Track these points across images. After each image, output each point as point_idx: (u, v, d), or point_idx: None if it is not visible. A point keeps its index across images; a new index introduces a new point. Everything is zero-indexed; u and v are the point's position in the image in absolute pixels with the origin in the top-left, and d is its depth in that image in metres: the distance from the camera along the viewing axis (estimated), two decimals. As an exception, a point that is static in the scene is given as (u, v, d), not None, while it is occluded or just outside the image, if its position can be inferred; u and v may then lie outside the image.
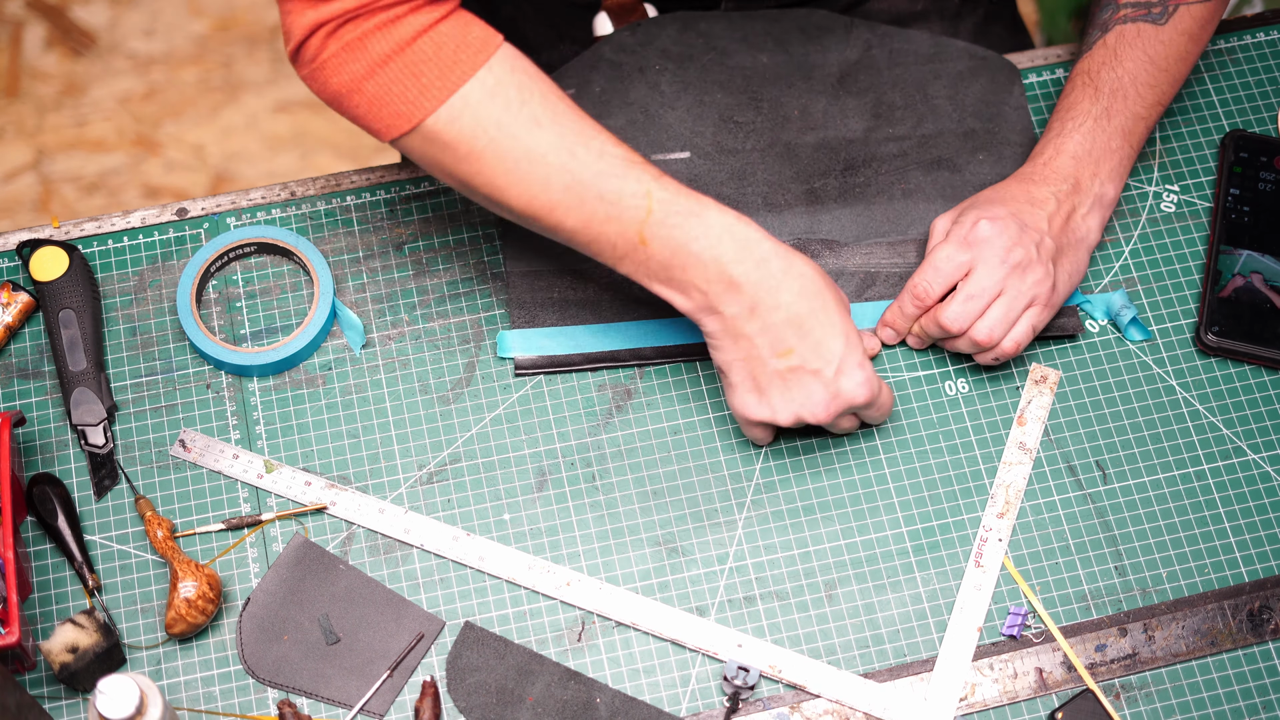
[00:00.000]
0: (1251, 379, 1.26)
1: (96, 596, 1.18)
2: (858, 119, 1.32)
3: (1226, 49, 1.39)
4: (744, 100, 1.32)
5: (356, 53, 1.08)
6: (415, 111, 1.10)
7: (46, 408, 1.24)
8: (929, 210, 1.29)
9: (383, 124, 1.11)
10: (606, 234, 1.12)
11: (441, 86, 1.09)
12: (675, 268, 1.12)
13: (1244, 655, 1.17)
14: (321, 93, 1.12)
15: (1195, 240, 1.31)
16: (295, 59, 1.11)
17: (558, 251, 1.27)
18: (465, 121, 1.09)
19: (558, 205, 1.11)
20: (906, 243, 1.28)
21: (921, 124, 1.32)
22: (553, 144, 1.10)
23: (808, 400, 1.14)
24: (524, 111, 1.10)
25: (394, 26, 1.08)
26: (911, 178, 1.30)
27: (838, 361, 1.13)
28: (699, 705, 1.16)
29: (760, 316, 1.12)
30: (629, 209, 1.11)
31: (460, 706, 1.15)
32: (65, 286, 1.25)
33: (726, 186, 1.29)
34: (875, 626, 1.18)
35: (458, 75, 1.09)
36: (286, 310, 1.28)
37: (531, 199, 1.11)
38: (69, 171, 2.39)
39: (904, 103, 1.33)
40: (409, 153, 1.14)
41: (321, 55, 1.09)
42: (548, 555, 1.20)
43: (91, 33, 2.49)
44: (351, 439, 1.23)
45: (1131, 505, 1.22)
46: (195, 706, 1.15)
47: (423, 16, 1.08)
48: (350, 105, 1.11)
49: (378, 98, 1.10)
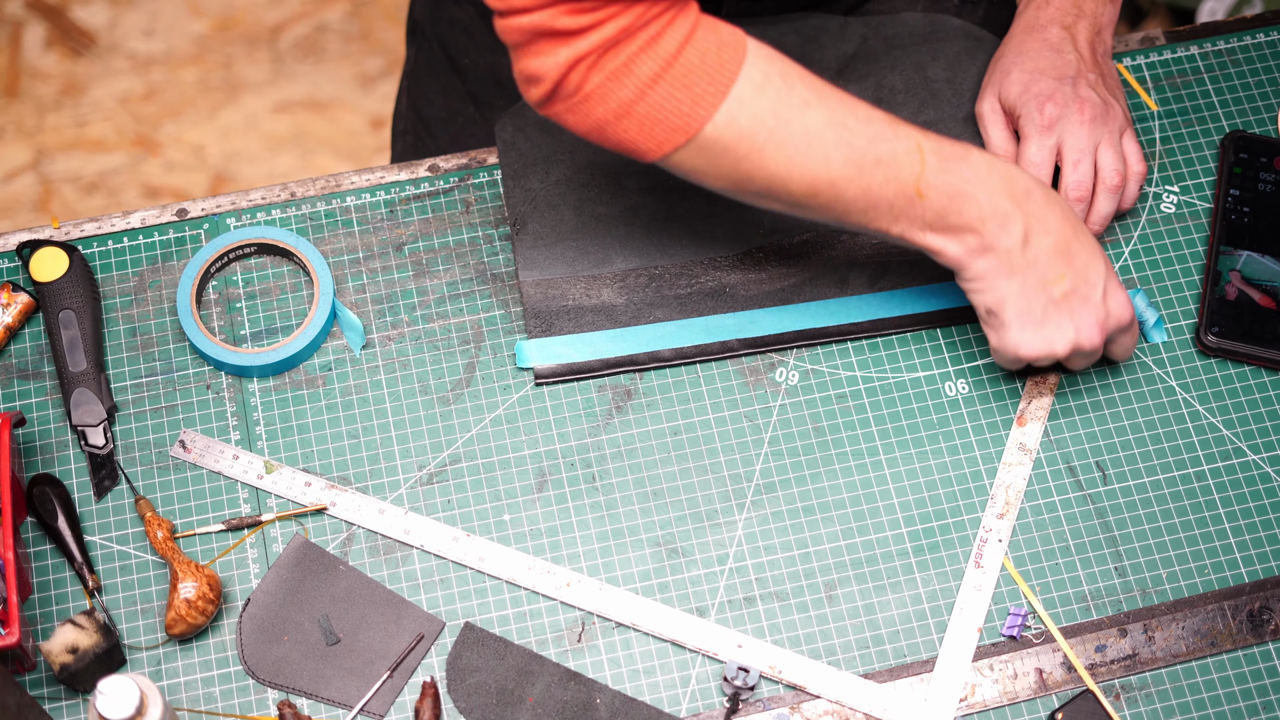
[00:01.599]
0: (1251, 379, 1.26)
1: (96, 597, 1.18)
2: None
3: (1226, 49, 1.39)
4: None
5: (623, 78, 1.06)
6: (692, 123, 1.08)
7: (46, 408, 1.24)
8: None
9: (654, 143, 1.09)
10: (885, 196, 1.12)
11: (715, 92, 1.07)
12: (951, 214, 1.13)
13: (1244, 655, 1.17)
14: (580, 125, 1.09)
15: (1195, 240, 1.31)
16: (550, 98, 1.08)
17: (570, 258, 1.27)
18: (743, 120, 1.08)
19: (838, 179, 1.11)
20: None
21: (923, 109, 1.32)
22: (825, 120, 1.10)
23: (1083, 324, 1.16)
24: (793, 96, 1.10)
25: (656, 44, 1.05)
26: None
27: (1102, 283, 1.17)
28: (699, 706, 1.16)
29: (1032, 245, 1.14)
30: (904, 166, 1.12)
31: (460, 707, 1.15)
32: (65, 287, 1.25)
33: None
34: (875, 627, 1.18)
35: (726, 76, 1.07)
36: (286, 311, 1.28)
37: (814, 179, 1.11)
38: (69, 172, 2.39)
39: (905, 86, 1.33)
40: (678, 167, 1.11)
41: (584, 88, 1.06)
42: (548, 556, 1.20)
43: (91, 33, 2.49)
44: (351, 439, 1.24)
45: (1131, 505, 1.22)
46: (195, 707, 1.15)
47: (680, 28, 1.06)
48: (617, 131, 1.08)
49: (649, 118, 1.07)
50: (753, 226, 1.29)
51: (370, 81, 2.48)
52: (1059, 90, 1.25)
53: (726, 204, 1.29)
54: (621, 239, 1.28)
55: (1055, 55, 1.26)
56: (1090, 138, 1.25)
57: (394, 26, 2.53)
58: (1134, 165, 1.27)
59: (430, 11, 1.46)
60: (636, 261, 1.28)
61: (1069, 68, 1.26)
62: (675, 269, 1.28)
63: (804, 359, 1.27)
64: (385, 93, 2.47)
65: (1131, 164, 1.27)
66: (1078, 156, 1.25)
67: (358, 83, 2.48)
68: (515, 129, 1.32)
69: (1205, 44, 1.39)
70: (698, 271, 1.28)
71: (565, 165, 1.31)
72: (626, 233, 1.28)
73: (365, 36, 2.52)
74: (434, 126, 1.50)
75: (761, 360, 1.26)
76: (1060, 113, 1.24)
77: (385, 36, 2.52)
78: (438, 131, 1.49)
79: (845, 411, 1.25)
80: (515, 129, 1.32)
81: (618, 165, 1.31)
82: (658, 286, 1.27)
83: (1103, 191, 1.26)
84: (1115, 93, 1.28)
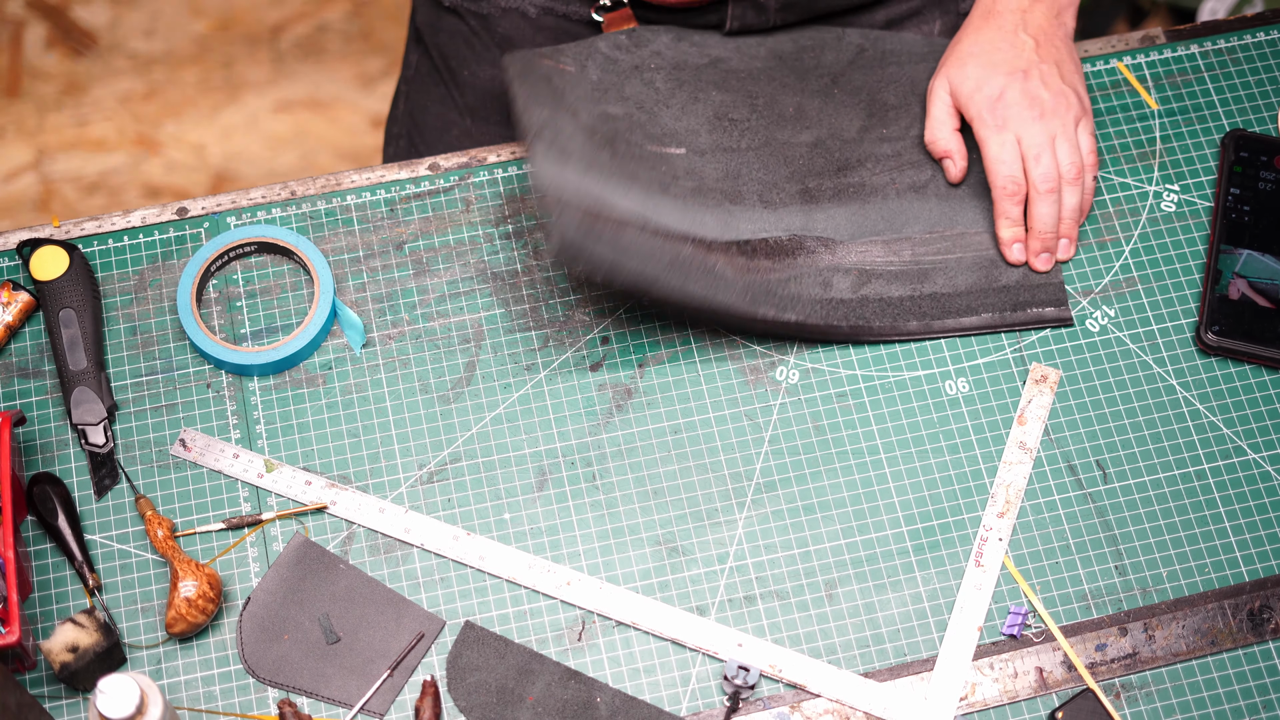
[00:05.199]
0: (1251, 379, 1.26)
1: (96, 596, 1.18)
2: (852, 118, 1.33)
3: (1226, 49, 1.39)
4: (739, 99, 1.32)
5: None
6: None
7: (47, 407, 1.24)
8: (923, 209, 1.29)
9: None
10: None
11: None
12: None
13: (1244, 655, 1.17)
14: None
15: (1195, 240, 1.31)
16: None
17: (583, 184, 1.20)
18: None
19: None
20: (901, 241, 1.28)
21: (915, 124, 1.33)
22: None
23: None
24: None
25: None
26: (905, 177, 1.30)
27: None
28: (699, 705, 1.16)
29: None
30: None
31: (460, 706, 1.15)
32: (65, 286, 1.25)
33: (723, 184, 1.29)
34: (875, 626, 1.18)
35: None
36: (287, 310, 1.28)
37: None
38: (69, 171, 2.39)
39: (898, 102, 1.33)
40: None
41: None
42: (548, 555, 1.20)
43: (92, 32, 2.49)
44: (352, 438, 1.24)
45: (1131, 505, 1.22)
46: (195, 706, 1.15)
47: None
48: None
49: None
50: (742, 223, 1.27)
51: (371, 81, 2.48)
52: (1008, 88, 1.27)
53: (715, 200, 1.27)
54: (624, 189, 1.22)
55: (1009, 47, 1.28)
56: (1044, 132, 1.26)
57: (394, 26, 2.53)
58: (1086, 158, 1.28)
59: (431, 22, 1.46)
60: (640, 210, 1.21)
61: (1021, 59, 1.27)
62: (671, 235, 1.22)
63: (804, 358, 1.27)
64: (385, 93, 2.47)
65: (1084, 155, 1.28)
66: (1037, 151, 1.26)
67: (358, 82, 2.48)
68: (524, 66, 1.28)
69: (1205, 43, 1.39)
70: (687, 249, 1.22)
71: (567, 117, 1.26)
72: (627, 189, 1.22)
73: (366, 36, 2.52)
74: (429, 134, 1.50)
75: (762, 359, 1.26)
76: (1010, 112, 1.26)
77: (386, 36, 2.52)
78: (432, 139, 1.49)
79: (845, 411, 1.25)
80: (524, 66, 1.28)
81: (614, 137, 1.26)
82: None
83: (1065, 186, 1.27)
84: (1072, 80, 1.29)
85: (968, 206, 1.30)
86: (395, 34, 2.52)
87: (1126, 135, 1.36)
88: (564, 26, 1.39)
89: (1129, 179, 1.34)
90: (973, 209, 1.30)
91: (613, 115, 1.29)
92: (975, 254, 1.29)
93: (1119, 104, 1.37)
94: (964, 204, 1.30)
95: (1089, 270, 1.30)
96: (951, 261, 1.28)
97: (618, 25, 1.35)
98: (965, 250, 1.29)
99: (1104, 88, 1.38)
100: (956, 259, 1.29)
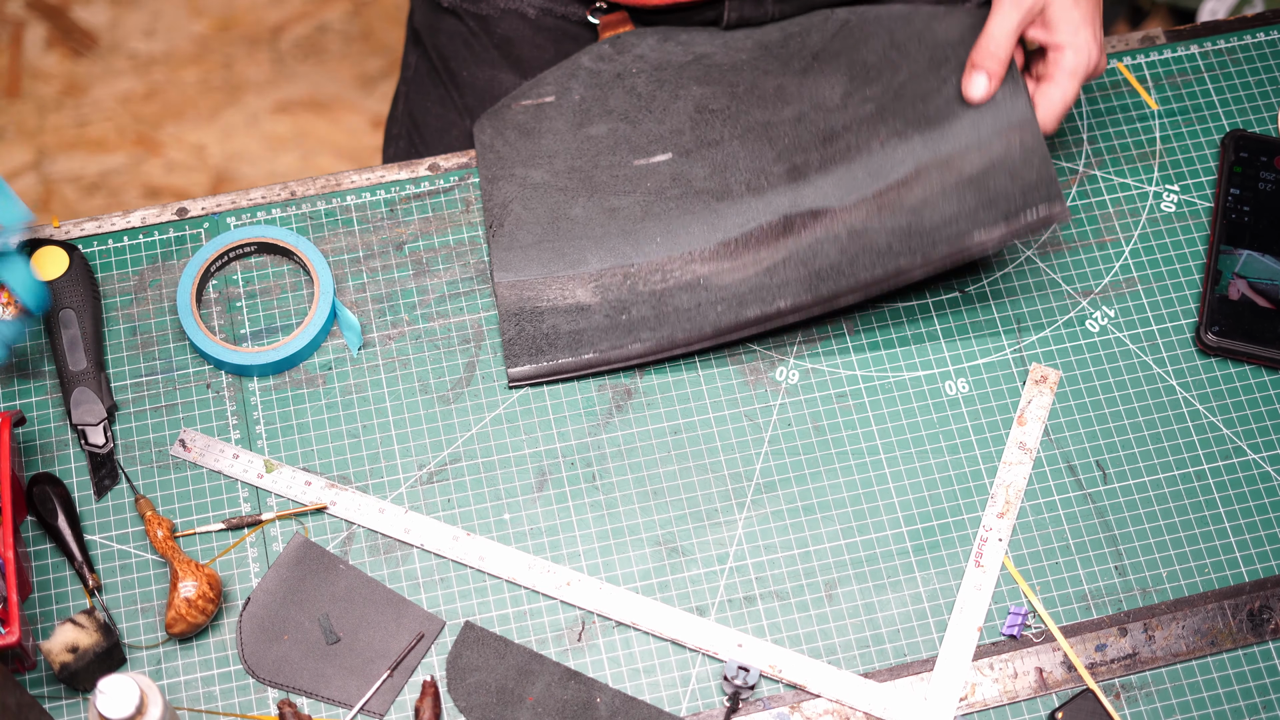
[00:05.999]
0: (1251, 379, 1.26)
1: (96, 596, 1.18)
2: (834, 86, 1.29)
3: (1226, 49, 1.39)
4: (719, 90, 1.32)
5: None
6: None
7: (46, 407, 1.24)
8: (907, 152, 1.24)
9: None
10: None
11: None
12: None
13: (1244, 655, 1.17)
14: None
15: (1195, 240, 1.31)
16: None
17: (545, 260, 1.27)
18: None
19: None
20: (888, 190, 1.24)
21: (895, 74, 1.28)
22: None
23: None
24: None
25: None
26: (888, 126, 1.26)
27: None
28: (699, 705, 1.16)
29: None
30: None
31: (460, 706, 1.15)
32: (65, 286, 1.25)
33: (710, 181, 1.29)
34: (875, 626, 1.18)
35: None
36: (286, 310, 1.28)
37: None
38: (69, 172, 2.39)
39: (877, 60, 1.28)
40: None
41: None
42: (548, 555, 1.20)
43: (92, 33, 2.49)
44: (351, 439, 1.24)
45: (1131, 505, 1.22)
46: (195, 706, 1.15)
47: None
48: None
49: None
50: (729, 220, 1.27)
51: (371, 82, 2.48)
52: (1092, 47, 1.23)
53: (703, 203, 1.29)
54: (597, 239, 1.28)
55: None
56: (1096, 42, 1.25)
57: (394, 27, 2.53)
58: None
59: (430, 23, 1.46)
60: (611, 261, 1.28)
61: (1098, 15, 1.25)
62: (649, 266, 1.27)
63: (804, 358, 1.27)
64: (385, 93, 2.47)
65: None
66: None
67: (358, 83, 2.48)
68: (494, 131, 1.32)
69: (1205, 43, 1.39)
70: (672, 267, 1.27)
71: (543, 168, 1.31)
72: (602, 233, 1.28)
73: (366, 37, 2.52)
74: (428, 135, 1.50)
75: (762, 359, 1.26)
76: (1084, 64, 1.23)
77: (386, 37, 2.52)
78: (431, 140, 1.49)
79: (845, 411, 1.25)
80: (494, 131, 1.32)
81: (594, 168, 1.31)
82: (631, 284, 1.27)
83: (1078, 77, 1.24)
84: None
85: (949, 132, 1.24)
86: (395, 34, 2.52)
87: (1126, 135, 1.36)
88: (562, 27, 1.39)
89: (1129, 179, 1.34)
90: (955, 130, 1.24)
91: (595, 137, 1.31)
92: (959, 176, 1.23)
93: (1119, 104, 1.37)
94: (946, 129, 1.24)
95: (1089, 270, 1.30)
96: (937, 192, 1.23)
97: (614, 29, 1.35)
98: (949, 175, 1.23)
99: (1104, 88, 1.38)
100: (941, 189, 1.23)
